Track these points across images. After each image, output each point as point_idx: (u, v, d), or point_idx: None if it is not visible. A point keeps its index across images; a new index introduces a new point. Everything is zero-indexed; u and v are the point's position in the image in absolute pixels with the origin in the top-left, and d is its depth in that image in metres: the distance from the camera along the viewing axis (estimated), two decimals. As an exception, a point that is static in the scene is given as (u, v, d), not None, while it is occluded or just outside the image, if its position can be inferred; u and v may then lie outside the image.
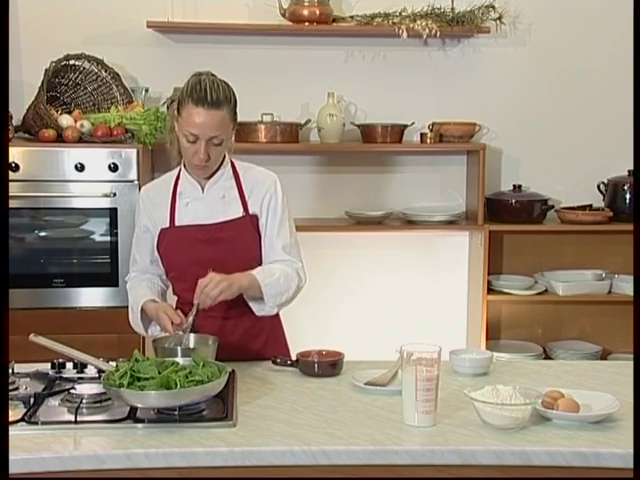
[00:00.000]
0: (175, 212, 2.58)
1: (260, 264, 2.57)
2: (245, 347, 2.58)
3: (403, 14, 3.94)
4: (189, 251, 2.54)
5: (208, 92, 2.41)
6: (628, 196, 4.07)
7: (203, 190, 2.58)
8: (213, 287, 2.35)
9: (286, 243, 2.58)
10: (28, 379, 2.32)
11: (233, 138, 2.59)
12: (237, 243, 2.55)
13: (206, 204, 2.57)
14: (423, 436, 1.97)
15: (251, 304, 2.54)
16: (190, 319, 2.40)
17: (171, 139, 2.61)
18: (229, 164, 2.61)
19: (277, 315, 2.66)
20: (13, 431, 1.94)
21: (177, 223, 2.57)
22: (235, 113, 2.51)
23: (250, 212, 2.57)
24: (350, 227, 4.06)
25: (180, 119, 2.47)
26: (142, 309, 2.53)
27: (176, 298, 2.67)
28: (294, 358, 2.50)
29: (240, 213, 2.57)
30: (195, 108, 2.41)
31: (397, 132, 3.99)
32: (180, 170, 2.61)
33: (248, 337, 2.61)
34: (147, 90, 3.89)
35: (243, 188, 2.59)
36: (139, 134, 3.62)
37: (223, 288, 2.36)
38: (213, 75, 2.50)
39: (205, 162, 2.47)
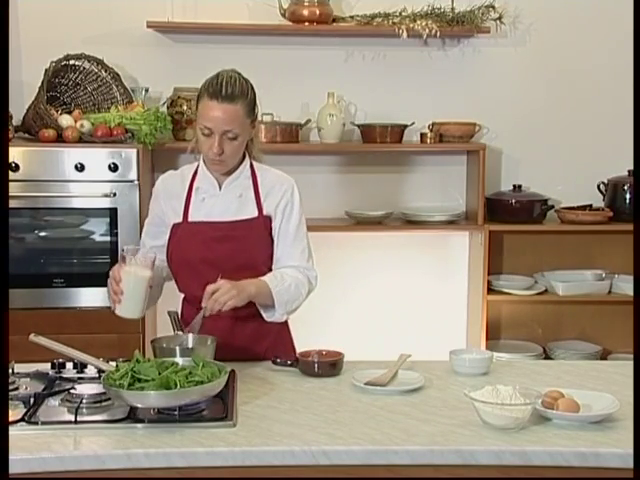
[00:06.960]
0: (190, 206, 2.57)
1: (269, 267, 2.57)
2: (251, 349, 2.57)
3: (403, 14, 3.94)
4: (200, 248, 2.52)
5: (223, 86, 2.42)
6: (628, 196, 4.07)
7: (220, 187, 2.57)
8: (222, 294, 2.35)
9: (302, 249, 2.59)
10: (28, 379, 2.32)
11: (259, 137, 2.57)
12: (248, 243, 2.54)
13: (222, 201, 2.56)
14: (423, 436, 1.97)
15: (261, 310, 2.53)
16: (197, 322, 2.39)
17: (193, 133, 2.60)
18: (248, 164, 2.60)
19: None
20: (13, 431, 1.93)
21: (191, 218, 2.56)
22: (253, 109, 2.50)
23: (264, 213, 2.57)
24: (350, 227, 4.05)
25: (197, 113, 2.49)
26: None
27: (183, 295, 2.65)
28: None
29: (254, 214, 2.56)
30: (210, 102, 2.43)
31: (397, 132, 3.99)
32: (198, 166, 2.60)
33: (254, 339, 2.59)
34: (147, 90, 3.89)
35: (259, 189, 2.58)
36: (139, 134, 3.62)
37: (232, 295, 2.36)
38: (236, 72, 2.50)
39: (219, 156, 2.46)
